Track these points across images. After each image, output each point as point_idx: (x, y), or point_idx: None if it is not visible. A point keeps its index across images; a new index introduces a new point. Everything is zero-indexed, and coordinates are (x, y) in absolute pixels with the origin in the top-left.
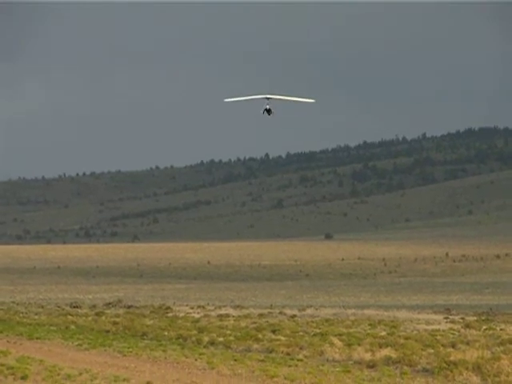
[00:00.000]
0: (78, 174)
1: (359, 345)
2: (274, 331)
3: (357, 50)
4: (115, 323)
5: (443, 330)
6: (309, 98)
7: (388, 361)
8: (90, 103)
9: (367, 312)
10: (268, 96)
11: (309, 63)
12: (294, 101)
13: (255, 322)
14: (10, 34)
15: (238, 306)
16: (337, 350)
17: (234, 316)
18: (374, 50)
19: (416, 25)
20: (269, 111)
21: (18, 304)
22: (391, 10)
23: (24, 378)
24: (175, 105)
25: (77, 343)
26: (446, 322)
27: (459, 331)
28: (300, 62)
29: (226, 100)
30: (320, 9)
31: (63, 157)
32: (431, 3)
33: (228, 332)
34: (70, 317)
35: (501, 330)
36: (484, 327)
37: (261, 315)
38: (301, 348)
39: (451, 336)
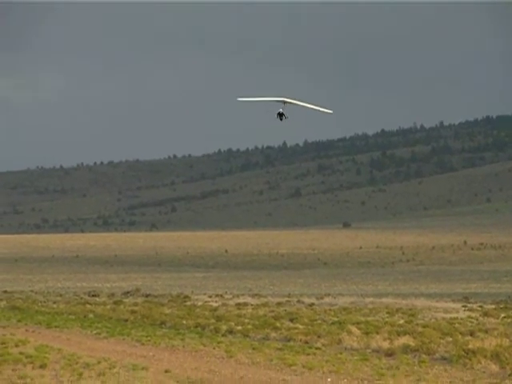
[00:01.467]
0: (95, 163)
1: (377, 333)
2: (291, 320)
3: (375, 39)
4: (133, 312)
5: (461, 318)
6: (327, 108)
7: (406, 349)
8: (107, 92)
9: (385, 300)
10: (284, 99)
11: (325, 51)
12: (310, 108)
13: (273, 311)
14: (16, 24)
15: (255, 295)
16: (355, 339)
17: (252, 304)
18: (392, 38)
19: (435, 13)
20: (281, 115)
21: (36, 293)
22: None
23: (43, 366)
24: (193, 93)
25: (95, 332)
26: (465, 310)
27: (477, 319)
28: (318, 51)
29: (239, 99)
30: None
31: (81, 146)
32: None
33: (246, 320)
34: (88, 305)
35: None
36: (502, 315)
37: (279, 304)
38: (319, 336)
39: (469, 324)
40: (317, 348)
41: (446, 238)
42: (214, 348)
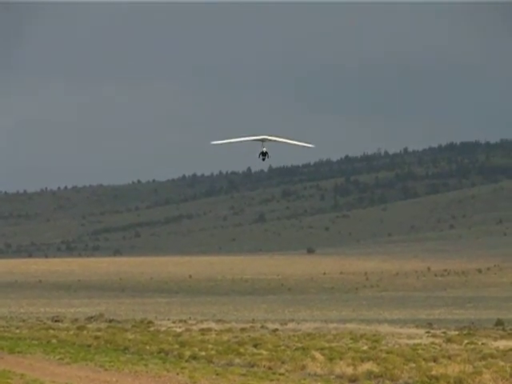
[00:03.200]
0: (59, 188)
1: (341, 359)
2: (255, 345)
3: (332, 62)
4: (97, 337)
5: (425, 345)
6: (307, 143)
7: (370, 375)
8: (71, 116)
9: (349, 326)
10: (264, 137)
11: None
12: (291, 144)
13: (237, 336)
14: None
15: (219, 320)
16: (318, 365)
17: (215, 330)
18: (351, 63)
19: (397, 35)
20: (265, 154)
21: None
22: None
23: None
24: (157, 118)
25: (58, 357)
26: (428, 337)
27: (441, 345)
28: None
29: (213, 143)
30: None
31: (44, 171)
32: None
33: (210, 346)
34: (51, 331)
35: (482, 344)
36: (466, 341)
37: (243, 329)
38: (283, 362)
39: (433, 350)
40: (280, 374)
41: (409, 264)
42: (177, 373)
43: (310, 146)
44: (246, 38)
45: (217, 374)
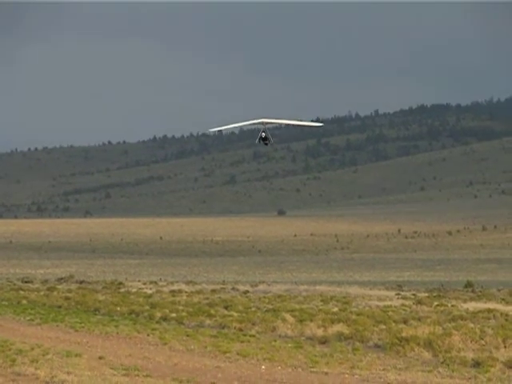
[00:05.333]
0: (29, 149)
1: (311, 321)
2: (226, 307)
3: (314, 28)
4: (67, 298)
5: (395, 306)
6: (316, 122)
7: (340, 337)
8: (42, 77)
9: (319, 288)
10: (263, 120)
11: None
12: (297, 125)
13: (208, 298)
14: None
15: (190, 282)
16: (289, 326)
17: (186, 292)
18: (330, 27)
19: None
20: (265, 139)
21: None
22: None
23: None
24: (129, 79)
25: (28, 318)
26: (398, 298)
27: (411, 307)
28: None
29: (211, 130)
30: None
31: (15, 131)
32: None
33: (180, 308)
34: (21, 292)
35: (452, 306)
36: (435, 303)
37: (213, 291)
38: (253, 324)
39: (403, 312)
40: (251, 335)
41: (380, 226)
42: (148, 335)
43: (319, 124)
44: None
45: (187, 336)
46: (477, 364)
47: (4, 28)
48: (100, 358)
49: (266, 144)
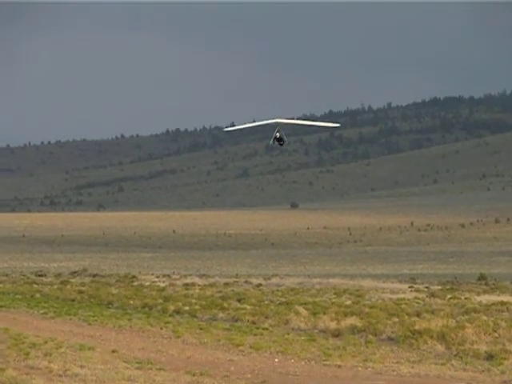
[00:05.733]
0: (42, 143)
1: (324, 314)
2: (239, 300)
3: (323, 20)
4: (80, 292)
5: (408, 299)
6: (331, 122)
7: (353, 329)
8: (55, 70)
9: (332, 281)
10: (278, 121)
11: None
12: (315, 125)
13: (221, 291)
14: None
15: (203, 275)
16: (302, 319)
17: (199, 285)
18: (338, 19)
19: None
20: (280, 140)
21: None
22: None
23: None
24: (143, 73)
25: (42, 312)
26: (411, 291)
27: (424, 300)
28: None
29: (226, 129)
30: None
31: (28, 125)
32: None
33: (193, 301)
34: (35, 285)
35: (465, 298)
36: (449, 296)
37: (226, 284)
38: (266, 317)
39: (416, 305)
40: (264, 328)
41: (392, 219)
42: (161, 328)
43: (335, 125)
44: None
45: (200, 329)
46: (490, 357)
47: (11, 19)
48: (113, 351)
49: (281, 145)
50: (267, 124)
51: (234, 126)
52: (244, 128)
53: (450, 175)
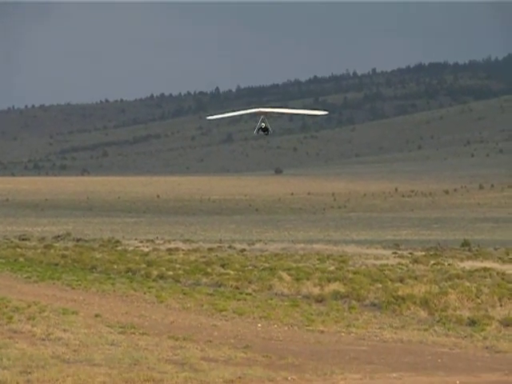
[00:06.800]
0: (26, 107)
1: (308, 279)
2: (223, 265)
3: None
4: (64, 256)
5: (391, 265)
6: (321, 111)
7: (336, 295)
8: (39, 34)
9: (316, 247)
10: (261, 110)
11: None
12: (300, 113)
13: (204, 256)
14: None
15: (187, 240)
16: (285, 285)
17: (183, 250)
18: None
19: None
20: (265, 130)
21: None
22: None
23: None
24: (126, 37)
25: (25, 276)
26: (395, 257)
27: (407, 266)
28: None
29: (209, 118)
30: None
31: (12, 89)
32: None
33: (177, 266)
34: (18, 249)
35: (448, 265)
36: (432, 262)
37: (210, 249)
38: (250, 282)
39: (399, 271)
40: (247, 294)
41: (377, 185)
42: (144, 293)
43: (323, 113)
44: None
45: (184, 294)
46: (473, 322)
47: None
48: (96, 315)
49: (266, 134)
50: (250, 113)
51: (218, 90)
52: (228, 117)
53: (435, 141)
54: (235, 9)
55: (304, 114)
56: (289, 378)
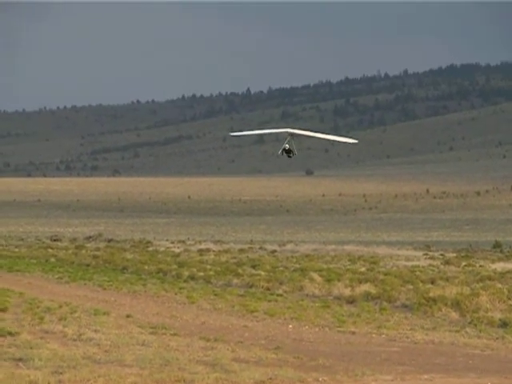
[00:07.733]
0: (58, 108)
1: (339, 280)
2: (254, 266)
3: None
4: (95, 257)
5: (423, 266)
6: (351, 138)
7: (367, 296)
8: (72, 36)
9: (347, 248)
10: (289, 131)
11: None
12: (330, 139)
13: (235, 257)
14: None
15: (218, 241)
16: (316, 286)
17: (214, 251)
18: None
19: None
20: (288, 152)
21: None
22: None
23: (4, 310)
24: (159, 39)
25: (57, 276)
26: (426, 259)
27: (438, 267)
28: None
29: (232, 134)
30: None
31: (44, 90)
32: None
33: (208, 267)
34: (50, 250)
35: (480, 266)
36: (463, 263)
37: (241, 250)
38: (281, 283)
39: (430, 272)
40: (278, 295)
41: (408, 187)
42: (175, 294)
43: (353, 141)
44: None
45: (215, 295)
46: (504, 324)
47: None
48: (127, 316)
49: (290, 156)
50: (277, 132)
51: (249, 91)
52: (252, 134)
53: (466, 142)
54: (268, 10)
55: (332, 141)
56: (320, 379)
